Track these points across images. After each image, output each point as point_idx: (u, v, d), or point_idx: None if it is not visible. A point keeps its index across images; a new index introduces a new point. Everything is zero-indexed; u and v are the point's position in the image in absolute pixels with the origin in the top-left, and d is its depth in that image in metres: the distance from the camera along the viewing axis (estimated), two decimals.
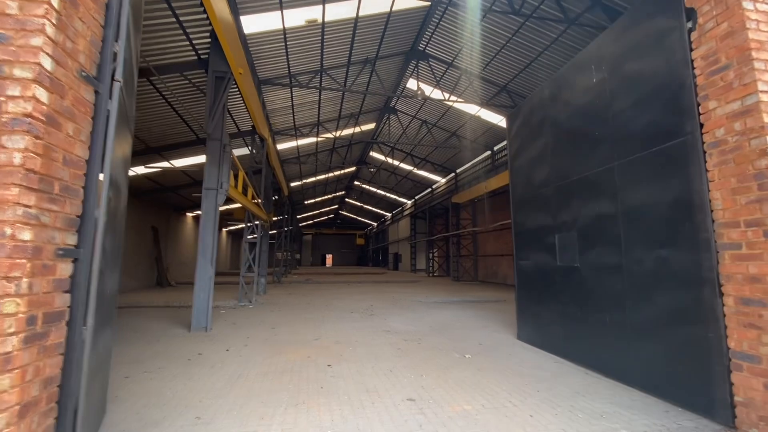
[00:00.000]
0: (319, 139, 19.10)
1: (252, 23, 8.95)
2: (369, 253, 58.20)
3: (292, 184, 26.32)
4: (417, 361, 5.04)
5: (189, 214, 22.32)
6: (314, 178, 27.50)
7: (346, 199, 44.26)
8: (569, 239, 5.19)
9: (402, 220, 37.46)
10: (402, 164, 25.47)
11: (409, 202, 35.94)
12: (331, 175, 28.07)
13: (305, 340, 6.30)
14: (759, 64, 2.97)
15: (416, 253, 32.78)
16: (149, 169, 12.46)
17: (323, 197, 37.86)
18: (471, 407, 3.48)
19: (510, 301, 11.85)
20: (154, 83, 6.98)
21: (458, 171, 24.20)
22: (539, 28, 10.38)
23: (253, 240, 11.14)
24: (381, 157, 24.83)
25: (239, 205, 9.73)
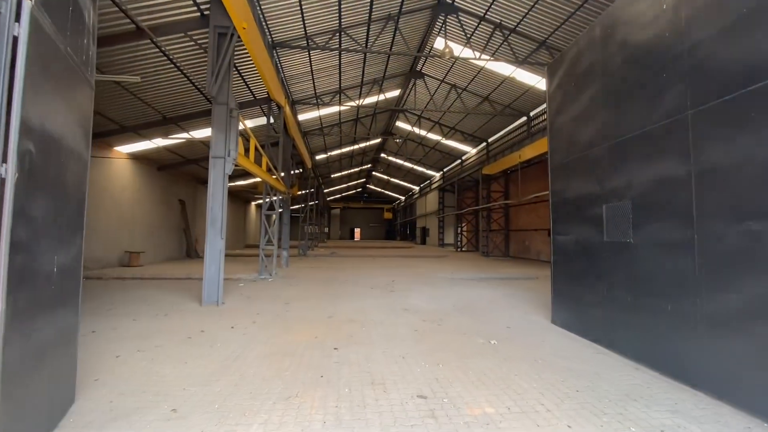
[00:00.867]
0: (341, 108, 18.32)
1: None
2: (397, 227, 57.83)
3: (317, 158, 25.92)
4: (434, 346, 4.48)
5: None
6: (339, 151, 26.92)
7: (373, 173, 43.60)
8: (621, 210, 4.31)
9: (430, 194, 36.45)
10: (430, 134, 24.27)
11: (437, 174, 34.73)
12: (356, 147, 27.35)
13: (317, 317, 5.90)
14: None
15: (444, 227, 31.91)
16: (170, 140, 12.30)
17: (350, 171, 37.38)
18: (494, 410, 2.87)
19: (543, 279, 10.99)
20: (160, 46, 6.50)
21: (490, 141, 22.74)
22: None
23: (270, 213, 10.82)
24: (407, 126, 23.73)
25: (260, 179, 9.32)
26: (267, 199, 10.88)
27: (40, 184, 2.12)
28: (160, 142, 12.38)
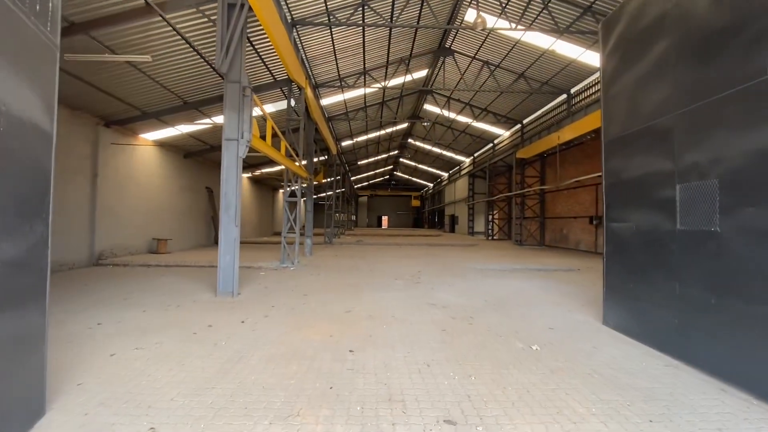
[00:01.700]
0: (367, 91, 17.61)
1: None
2: (424, 214, 56.86)
3: (343, 144, 25.45)
4: (465, 351, 3.85)
5: (244, 175, 22.63)
6: (365, 137, 26.29)
7: (401, 159, 42.72)
8: (703, 191, 3.44)
9: (459, 180, 35.22)
10: (459, 117, 23.08)
11: (467, 160, 33.39)
12: (382, 132, 26.61)
13: (335, 312, 5.41)
14: None
15: (474, 215, 30.75)
16: (192, 126, 12.14)
17: (376, 157, 36.74)
18: None
19: (586, 272, 10.01)
20: (171, 24, 6.07)
21: (525, 122, 21.30)
22: None
23: (293, 200, 10.44)
24: (436, 109, 22.67)
25: (282, 166, 8.88)
26: (289, 186, 10.50)
27: None
28: (183, 129, 12.27)
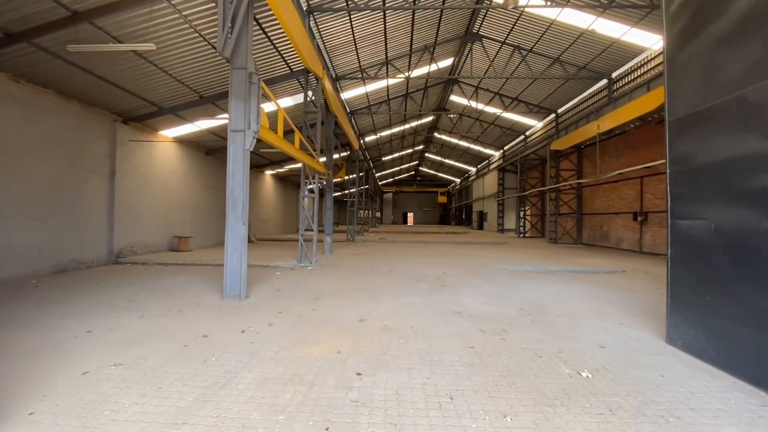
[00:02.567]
0: (389, 82, 16.91)
1: None
2: (451, 211, 55.52)
3: (366, 139, 24.90)
4: (498, 378, 3.13)
5: (268, 171, 22.56)
6: (389, 131, 25.59)
7: (426, 154, 41.74)
8: None
9: (488, 175, 33.85)
10: (488, 107, 21.91)
11: (496, 153, 31.99)
12: (407, 126, 25.82)
13: (347, 320, 4.81)
14: None
15: (504, 211, 29.40)
16: (211, 122, 11.92)
17: (401, 153, 35.98)
18: None
19: (633, 274, 8.92)
20: (179, 10, 5.69)
21: (559, 111, 19.90)
22: None
23: (310, 196, 9.96)
24: (463, 100, 21.63)
25: (299, 163, 8.37)
26: (306, 182, 10.02)
27: None
28: (202, 125, 12.07)
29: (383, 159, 35.62)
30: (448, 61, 17.64)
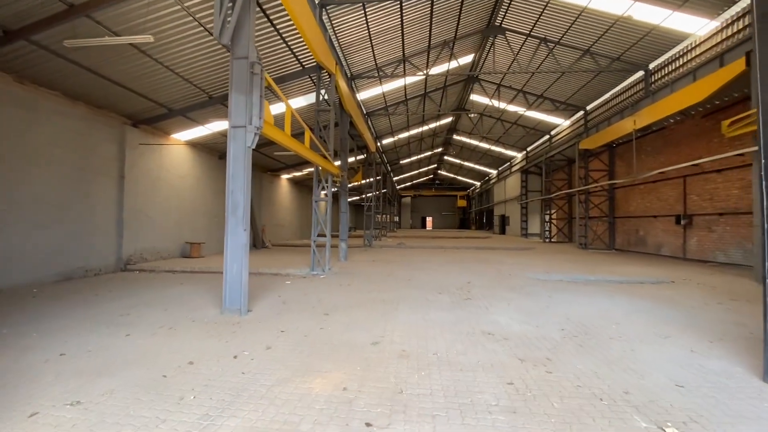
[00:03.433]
0: (407, 81, 16.25)
1: None
2: (471, 215, 54.14)
3: (383, 142, 24.28)
4: None
5: (284, 176, 22.24)
6: (407, 133, 24.88)
7: (445, 157, 40.77)
8: None
9: (510, 177, 32.60)
10: (511, 106, 20.90)
11: (519, 155, 30.75)
12: (425, 128, 25.06)
13: (358, 342, 4.11)
14: None
15: (528, 215, 28.14)
16: (225, 124, 11.53)
17: (419, 156, 35.19)
18: None
19: (683, 284, 7.86)
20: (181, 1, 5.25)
21: (588, 108, 18.71)
22: None
23: (322, 200, 9.37)
24: (484, 99, 20.72)
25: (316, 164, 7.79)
26: (319, 185, 9.44)
27: None
28: (214, 128, 11.71)
29: (401, 162, 34.93)
30: (469, 58, 16.84)
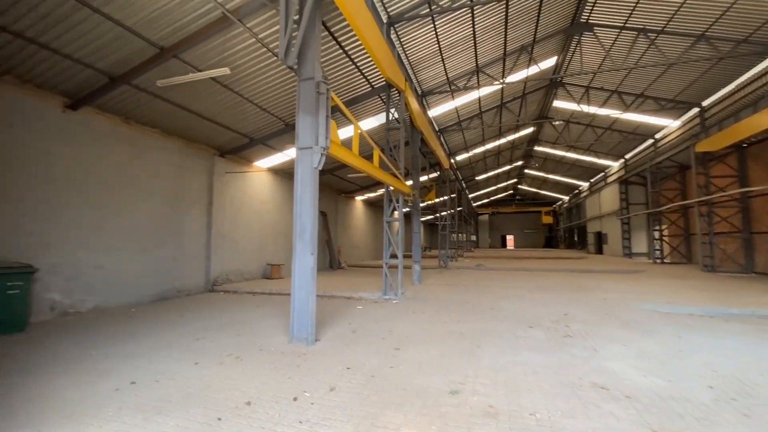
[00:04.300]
0: (481, 93, 15.43)
1: None
2: (559, 232, 49.39)
3: (458, 158, 23.44)
4: None
5: (358, 197, 22.62)
6: (482, 148, 23.68)
7: (525, 171, 38.09)
8: None
9: (605, 189, 28.95)
10: (603, 109, 18.61)
11: (615, 164, 27.22)
12: (503, 141, 23.61)
13: (433, 390, 3.45)
14: None
15: (630, 231, 24.48)
16: None
17: (497, 171, 33.36)
18: None
19: None
20: (253, 31, 5.48)
21: (705, 104, 15.74)
22: None
23: (393, 220, 8.95)
24: (570, 105, 18.82)
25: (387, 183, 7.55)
26: (390, 205, 9.08)
27: None
28: (291, 154, 12.24)
29: (477, 179, 33.46)
30: (551, 61, 15.44)
